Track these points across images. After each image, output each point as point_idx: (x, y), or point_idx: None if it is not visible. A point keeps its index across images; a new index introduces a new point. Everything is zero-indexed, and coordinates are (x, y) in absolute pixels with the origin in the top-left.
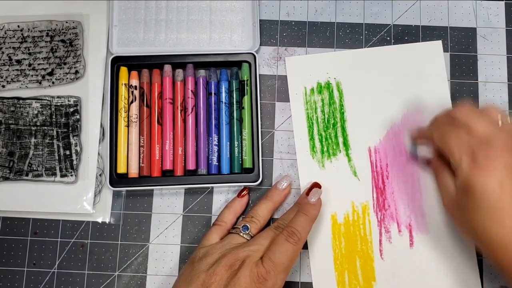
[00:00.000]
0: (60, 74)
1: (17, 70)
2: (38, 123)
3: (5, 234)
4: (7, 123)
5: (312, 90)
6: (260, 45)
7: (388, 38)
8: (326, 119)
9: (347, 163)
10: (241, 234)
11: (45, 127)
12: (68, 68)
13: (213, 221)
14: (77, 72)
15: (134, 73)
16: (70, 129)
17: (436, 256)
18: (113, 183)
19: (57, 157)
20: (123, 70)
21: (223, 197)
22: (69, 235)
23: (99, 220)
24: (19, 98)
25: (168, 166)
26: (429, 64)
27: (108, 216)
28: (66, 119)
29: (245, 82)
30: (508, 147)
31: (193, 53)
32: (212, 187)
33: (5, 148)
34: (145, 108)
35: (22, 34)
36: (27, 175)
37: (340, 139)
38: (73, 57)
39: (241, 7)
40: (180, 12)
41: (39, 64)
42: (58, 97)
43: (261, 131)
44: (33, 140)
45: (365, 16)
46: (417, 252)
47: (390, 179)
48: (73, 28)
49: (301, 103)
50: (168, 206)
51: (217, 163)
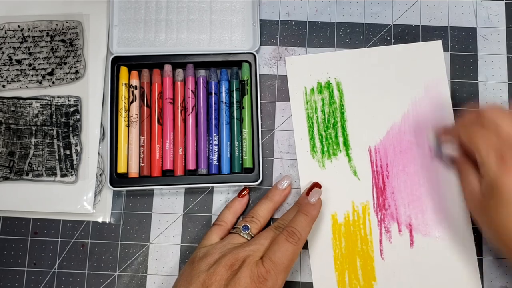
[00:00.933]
0: (60, 74)
1: (17, 70)
2: (38, 123)
3: (5, 234)
4: (7, 123)
5: (312, 90)
6: (260, 45)
7: (388, 38)
8: (326, 119)
9: (347, 163)
10: (242, 234)
11: (45, 127)
12: (68, 68)
13: (213, 221)
14: (77, 72)
15: (134, 73)
16: (70, 129)
17: (437, 256)
18: (113, 183)
19: (57, 157)
20: (123, 70)
21: (223, 197)
22: (69, 235)
23: (99, 220)
24: (19, 98)
25: (168, 166)
26: (429, 64)
27: (108, 216)
28: (66, 119)
29: (245, 82)
30: None
31: (193, 53)
32: (212, 187)
33: (5, 148)
34: (145, 108)
35: (23, 34)
36: (27, 175)
37: (340, 139)
38: (73, 57)
39: (241, 7)
40: (180, 12)
41: (39, 64)
42: (58, 97)
43: (261, 131)
44: (33, 140)
45: (365, 16)
46: (417, 252)
47: (390, 179)
48: (73, 28)
49: (301, 103)
50: (168, 206)
51: (217, 163)
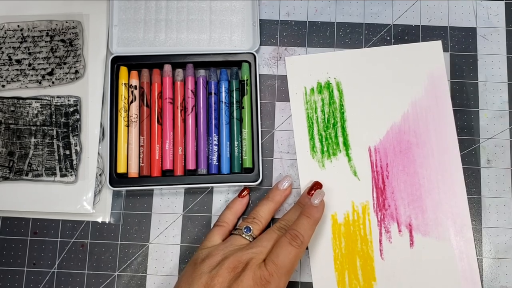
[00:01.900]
0: (60, 74)
1: (17, 70)
2: (38, 123)
3: (5, 234)
4: (7, 123)
5: (312, 90)
6: (260, 45)
7: (388, 38)
8: (326, 119)
9: (347, 163)
10: (244, 235)
11: (45, 127)
12: (68, 68)
13: (213, 221)
14: (77, 72)
15: (134, 73)
16: (70, 129)
17: (436, 255)
18: (113, 183)
19: (57, 157)
20: (123, 70)
21: (223, 197)
22: (69, 235)
23: (99, 220)
24: (19, 98)
25: (168, 166)
26: (429, 64)
27: (108, 216)
28: (66, 119)
29: (245, 81)
30: None
31: (193, 53)
32: (212, 187)
33: (5, 148)
34: (145, 108)
35: (22, 34)
36: (27, 175)
37: (340, 139)
38: (73, 57)
39: (241, 7)
40: (180, 12)
41: (39, 64)
42: (58, 97)
43: (261, 131)
44: (33, 140)
45: (365, 16)
46: (417, 252)
47: (390, 179)
48: (73, 28)
49: (301, 103)
50: (168, 206)
51: (217, 163)
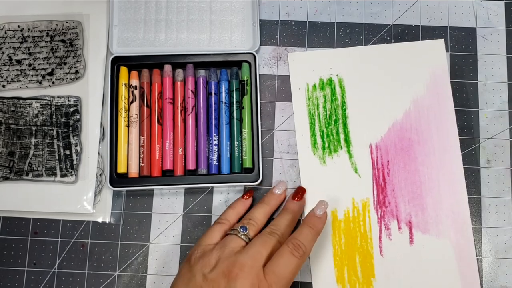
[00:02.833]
0: (60, 74)
1: (17, 70)
2: (38, 123)
3: (5, 234)
4: (7, 123)
5: (314, 86)
6: (260, 45)
7: (388, 38)
8: (328, 116)
9: (348, 160)
10: (240, 235)
11: (45, 127)
12: (68, 68)
13: (213, 221)
14: (77, 72)
15: (134, 73)
16: (70, 129)
17: (436, 253)
18: (113, 183)
19: (57, 157)
20: (123, 70)
21: (223, 197)
22: (69, 235)
23: (99, 220)
24: (19, 98)
25: (168, 166)
26: (431, 63)
27: (108, 216)
28: (66, 119)
29: (245, 82)
30: None
31: (193, 53)
32: (212, 187)
33: (5, 148)
34: (145, 108)
35: (22, 34)
36: (27, 175)
37: (342, 136)
38: (73, 57)
39: (241, 7)
40: (180, 12)
41: (39, 64)
42: (58, 97)
43: (261, 131)
44: (33, 140)
45: (365, 16)
46: (416, 249)
47: (391, 176)
48: (73, 28)
49: (303, 99)
50: (168, 206)
51: (217, 163)
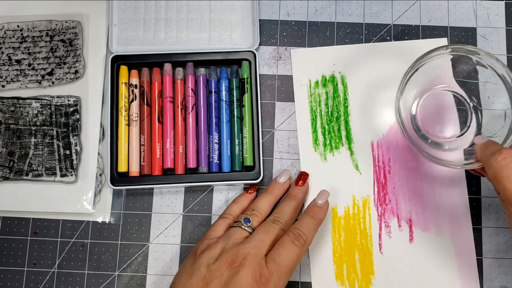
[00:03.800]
0: (59, 73)
1: (16, 70)
2: (38, 123)
3: (5, 234)
4: (7, 123)
5: (317, 83)
6: (260, 44)
7: (388, 38)
8: (329, 112)
9: (349, 157)
10: (243, 227)
11: (45, 127)
12: (67, 68)
13: (213, 221)
14: (76, 71)
15: (134, 72)
16: (70, 128)
17: (436, 252)
18: (114, 181)
19: (57, 157)
20: (123, 69)
21: (223, 196)
22: (69, 235)
23: (99, 220)
24: (19, 98)
25: (169, 164)
26: (434, 61)
27: (108, 216)
28: (66, 118)
29: (245, 80)
30: None
31: (193, 51)
32: (212, 187)
33: (5, 148)
34: (145, 106)
35: (22, 34)
36: (27, 175)
37: (343, 133)
38: (72, 56)
39: (240, 5)
40: (180, 11)
41: (38, 64)
42: (58, 97)
43: (261, 130)
44: (33, 140)
45: (365, 16)
46: (416, 248)
47: (392, 174)
48: (73, 28)
49: (305, 95)
50: (168, 206)
51: (218, 161)
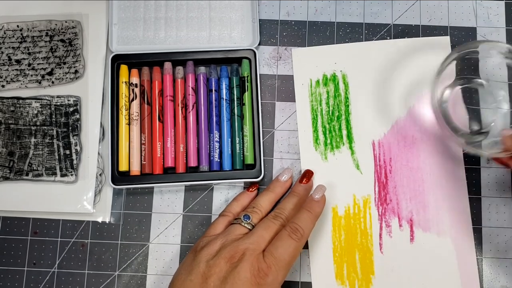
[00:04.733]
0: (59, 73)
1: (16, 70)
2: (38, 123)
3: (5, 234)
4: (7, 123)
5: (318, 82)
6: (260, 44)
7: (388, 38)
8: (330, 111)
9: (350, 156)
10: (243, 223)
11: (45, 127)
12: (67, 68)
13: (213, 220)
14: (76, 71)
15: (135, 71)
16: (70, 128)
17: (436, 252)
18: (115, 181)
19: (57, 157)
20: (124, 68)
21: (223, 196)
22: (69, 235)
23: (99, 219)
24: (18, 98)
25: (169, 163)
26: (436, 59)
27: (108, 216)
28: (66, 118)
29: (246, 78)
30: None
31: (193, 50)
32: (212, 187)
33: (5, 148)
34: (146, 105)
35: (22, 34)
36: (27, 175)
37: (344, 132)
38: (72, 56)
39: (240, 4)
40: (179, 10)
41: (38, 64)
42: (58, 96)
43: (261, 129)
44: (33, 139)
45: (365, 16)
46: (417, 248)
47: (393, 174)
48: (73, 28)
49: (306, 95)
50: (168, 206)
51: (218, 160)
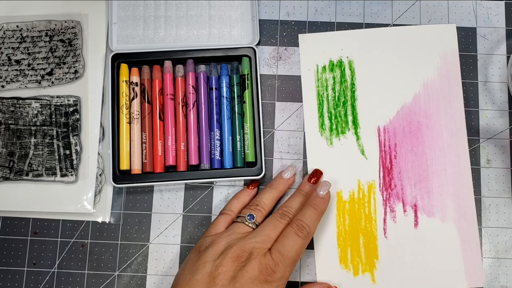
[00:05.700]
0: (59, 73)
1: (16, 70)
2: (38, 123)
3: (5, 234)
4: (7, 123)
5: (324, 68)
6: (260, 44)
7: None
8: (336, 97)
9: (355, 142)
10: (247, 223)
11: (45, 127)
12: (67, 68)
13: (213, 220)
14: (76, 71)
15: (135, 70)
16: (70, 128)
17: (440, 237)
18: (116, 179)
19: (57, 157)
20: (124, 67)
21: (223, 196)
22: (69, 235)
23: (99, 220)
24: (18, 98)
25: (170, 161)
26: (442, 46)
27: (108, 216)
28: (66, 118)
29: (246, 76)
30: None
31: (193, 48)
32: (213, 186)
33: (5, 148)
34: (146, 104)
35: (21, 34)
36: (27, 175)
37: (350, 118)
38: (72, 56)
39: (239, 2)
40: (179, 8)
41: (38, 64)
42: (58, 96)
43: (262, 127)
44: (33, 140)
45: (365, 16)
46: (421, 233)
47: (398, 159)
48: (72, 28)
49: (312, 80)
50: (168, 206)
51: (219, 158)
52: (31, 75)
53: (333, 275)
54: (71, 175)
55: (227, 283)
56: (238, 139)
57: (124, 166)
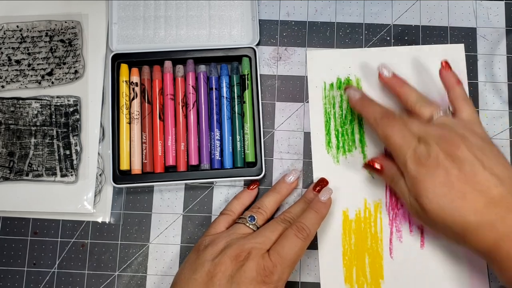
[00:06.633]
0: (59, 74)
1: (16, 70)
2: (38, 123)
3: (5, 234)
4: (7, 123)
5: (332, 85)
6: (260, 44)
7: (388, 38)
8: (343, 115)
9: (362, 160)
10: (248, 224)
11: (45, 127)
12: (67, 68)
13: (213, 220)
14: (76, 72)
15: (135, 70)
16: (70, 129)
17: (447, 258)
18: (116, 180)
19: (57, 157)
20: (124, 67)
21: (223, 196)
22: (69, 235)
23: (99, 220)
24: (18, 98)
25: (171, 162)
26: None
27: (108, 216)
28: (66, 119)
29: (246, 76)
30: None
31: (193, 48)
32: (213, 186)
33: (5, 148)
34: (146, 104)
35: (21, 34)
36: (27, 175)
37: (357, 136)
38: (72, 56)
39: (239, 2)
40: (179, 8)
41: (38, 64)
42: (58, 97)
43: (262, 127)
44: (33, 140)
45: (365, 16)
46: (427, 253)
47: None
48: (72, 28)
49: (319, 97)
50: (168, 206)
51: (219, 158)
52: (31, 75)
53: None
54: (71, 175)
55: (224, 282)
56: (238, 139)
57: (124, 166)
